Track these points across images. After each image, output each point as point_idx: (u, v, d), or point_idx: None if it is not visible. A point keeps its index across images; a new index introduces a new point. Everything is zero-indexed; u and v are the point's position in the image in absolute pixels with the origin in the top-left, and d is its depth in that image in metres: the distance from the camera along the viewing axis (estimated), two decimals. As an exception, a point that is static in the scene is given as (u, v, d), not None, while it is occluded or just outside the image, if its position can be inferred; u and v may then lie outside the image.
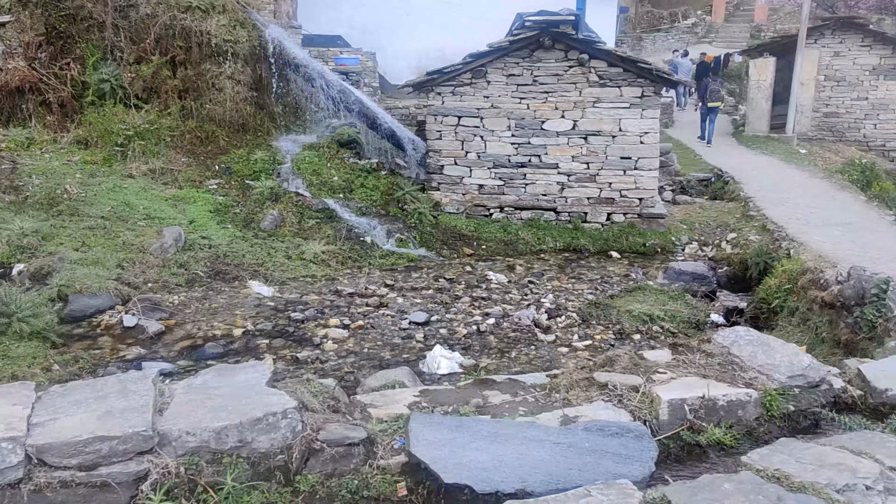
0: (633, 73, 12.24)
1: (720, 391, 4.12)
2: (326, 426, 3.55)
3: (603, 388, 4.17)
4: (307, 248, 10.82)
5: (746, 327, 5.08)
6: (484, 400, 4.15)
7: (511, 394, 4.26)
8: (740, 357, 4.59)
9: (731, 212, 13.54)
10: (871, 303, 6.56)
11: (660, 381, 4.20)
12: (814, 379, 4.36)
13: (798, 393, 4.28)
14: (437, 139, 13.14)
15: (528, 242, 12.37)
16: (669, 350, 4.84)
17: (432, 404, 4.09)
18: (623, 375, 4.30)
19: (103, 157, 13.41)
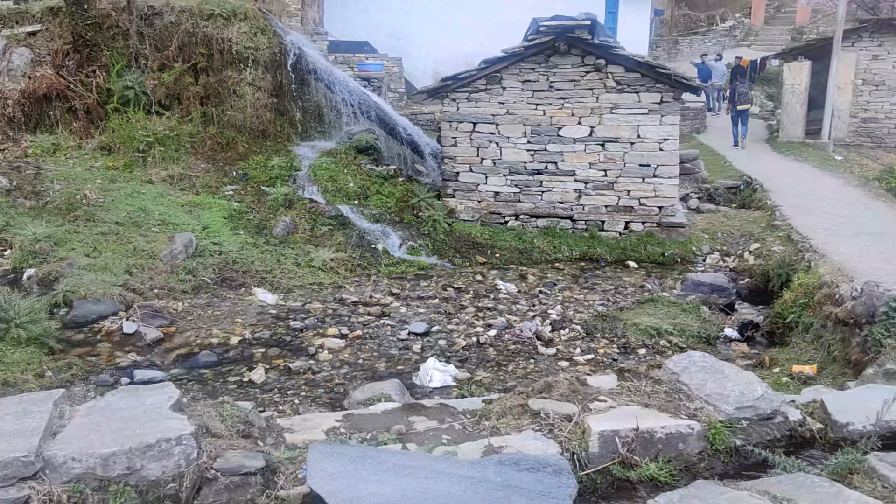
0: (652, 78, 11.99)
1: (660, 422, 3.85)
2: (225, 453, 3.41)
3: (535, 417, 3.96)
4: (316, 256, 10.78)
5: (703, 353, 4.79)
6: (408, 427, 3.99)
7: (439, 420, 4.09)
8: (689, 385, 4.30)
9: (756, 221, 13.18)
10: (880, 321, 6.27)
11: (596, 410, 3.98)
12: (764, 411, 4.06)
13: (746, 426, 3.98)
14: (451, 145, 13.02)
15: (544, 251, 12.18)
16: (616, 375, 4.62)
17: (351, 430, 3.94)
18: (559, 403, 4.09)
19: (125, 163, 13.55)
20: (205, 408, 3.79)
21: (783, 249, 11.04)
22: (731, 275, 11.39)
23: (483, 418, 4.06)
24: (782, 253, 10.83)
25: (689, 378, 4.37)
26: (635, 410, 3.97)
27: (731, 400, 4.10)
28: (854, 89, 20.06)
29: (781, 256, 10.63)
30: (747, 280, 11.12)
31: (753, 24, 43.33)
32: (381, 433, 3.87)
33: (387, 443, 3.71)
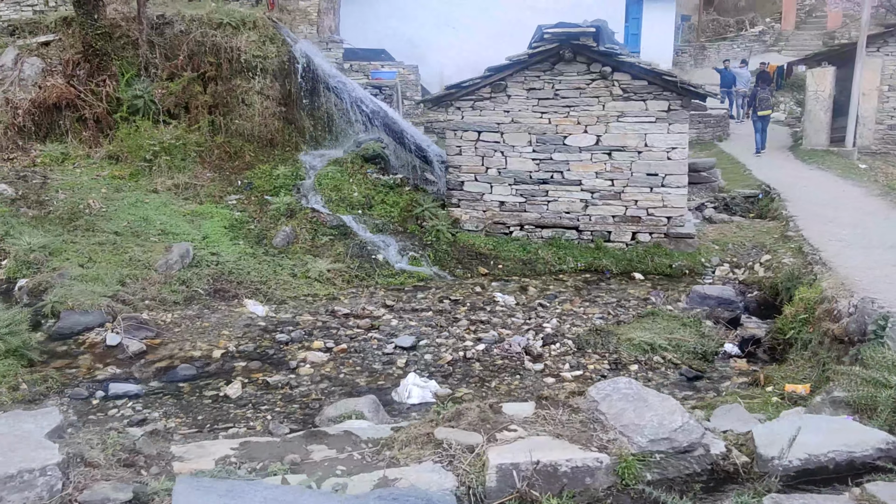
0: (659, 85, 11.70)
1: (566, 454, 3.59)
2: (94, 485, 3.24)
3: (438, 447, 3.74)
4: (313, 267, 10.65)
5: (629, 379, 4.53)
6: (304, 456, 3.78)
7: (338, 449, 3.87)
8: (606, 414, 4.02)
9: (769, 231, 12.80)
10: (869, 340, 5.95)
11: (503, 441, 3.73)
12: (681, 443, 3.77)
13: (661, 459, 3.71)
14: (456, 154, 12.83)
15: (548, 262, 11.93)
16: (534, 403, 4.37)
17: (244, 459, 3.75)
18: (465, 432, 3.85)
19: (131, 172, 13.57)
20: (87, 435, 3.64)
21: (793, 261, 10.68)
22: (739, 287, 11.05)
23: (385, 448, 3.85)
24: (792, 265, 10.48)
25: (609, 406, 4.10)
26: (545, 441, 3.72)
27: (646, 431, 3.82)
28: (880, 95, 19.53)
29: (790, 269, 10.29)
30: (756, 293, 10.77)
31: (784, 28, 42.59)
32: (274, 463, 3.68)
33: (276, 473, 3.52)
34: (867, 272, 8.96)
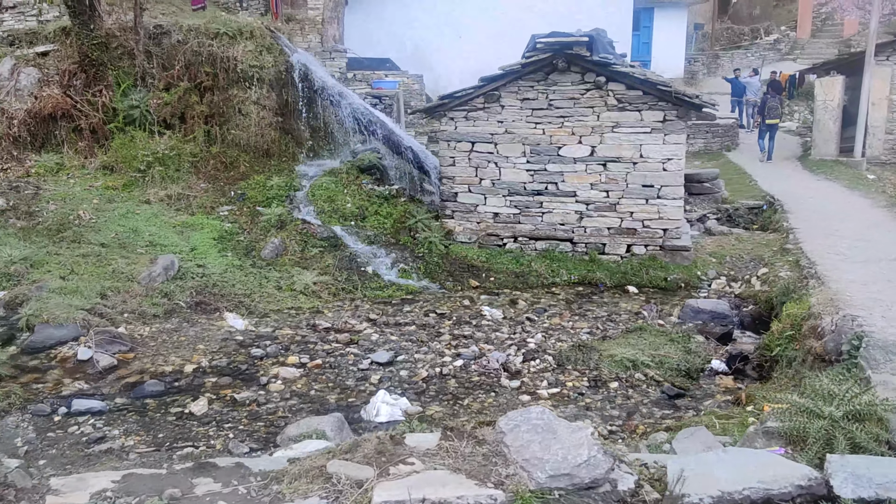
0: (654, 95, 11.48)
1: (459, 491, 3.34)
2: None
3: (328, 481, 3.53)
4: (298, 279, 10.50)
5: (542, 408, 4.26)
6: (187, 490, 3.57)
7: (224, 483, 3.67)
8: (511, 447, 3.76)
9: (769, 244, 12.52)
10: (843, 360, 5.70)
11: (395, 475, 3.50)
12: (583, 479, 3.50)
13: (561, 497, 3.45)
14: (450, 165, 12.66)
15: (541, 275, 11.71)
16: (439, 433, 4.14)
17: (121, 494, 3.54)
18: (358, 466, 3.62)
19: (125, 183, 13.51)
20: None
21: (789, 275, 10.41)
22: (735, 301, 10.79)
23: (274, 482, 3.64)
24: (787, 279, 10.21)
25: (514, 439, 3.85)
26: (440, 476, 3.49)
27: (548, 466, 3.57)
28: (889, 105, 19.14)
29: (785, 283, 10.02)
30: (752, 307, 10.50)
31: (799, 37, 42.10)
32: (151, 498, 3.49)
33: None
34: (861, 287, 8.68)
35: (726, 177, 18.78)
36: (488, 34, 24.25)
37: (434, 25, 24.16)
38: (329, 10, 21.98)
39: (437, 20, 24.16)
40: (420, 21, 24.27)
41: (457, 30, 24.34)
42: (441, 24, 24.13)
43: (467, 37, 24.62)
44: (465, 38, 24.58)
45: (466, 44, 24.56)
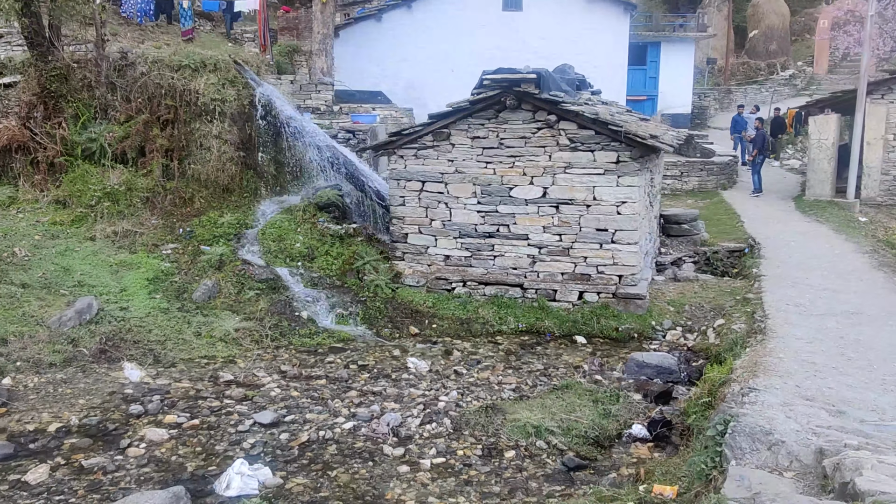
0: (606, 135, 10.91)
1: None
2: None
3: None
4: (218, 326, 10.02)
5: None
6: None
7: None
8: None
9: (733, 292, 11.83)
10: (707, 448, 5.03)
11: None
12: None
13: None
14: (400, 205, 12.17)
15: (487, 322, 11.12)
16: None
17: None
18: None
19: (74, 218, 13.18)
20: None
21: (741, 328, 9.73)
22: (686, 355, 10.12)
23: None
24: (738, 333, 9.54)
25: None
26: None
27: None
28: (885, 145, 18.34)
29: (734, 337, 9.35)
30: (701, 362, 9.82)
31: (816, 72, 41.34)
32: None
33: None
34: (801, 346, 8.03)
35: (715, 217, 18.14)
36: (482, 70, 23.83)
37: (427, 61, 23.83)
38: (318, 42, 21.78)
39: (431, 56, 23.82)
40: (413, 57, 23.96)
41: (450, 65, 23.91)
42: (435, 60, 23.78)
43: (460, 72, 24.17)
44: (457, 72, 24.13)
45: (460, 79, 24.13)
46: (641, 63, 30.86)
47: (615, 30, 23.53)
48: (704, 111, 34.68)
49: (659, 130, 12.50)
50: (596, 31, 23.26)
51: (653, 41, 30.82)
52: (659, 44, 30.98)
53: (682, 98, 31.37)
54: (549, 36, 23.14)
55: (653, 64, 31.39)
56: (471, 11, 23.38)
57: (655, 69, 31.47)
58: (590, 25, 23.19)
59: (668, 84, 31.18)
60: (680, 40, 31.12)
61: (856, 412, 5.79)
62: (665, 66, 31.18)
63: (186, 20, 21.98)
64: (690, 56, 31.52)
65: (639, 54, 30.47)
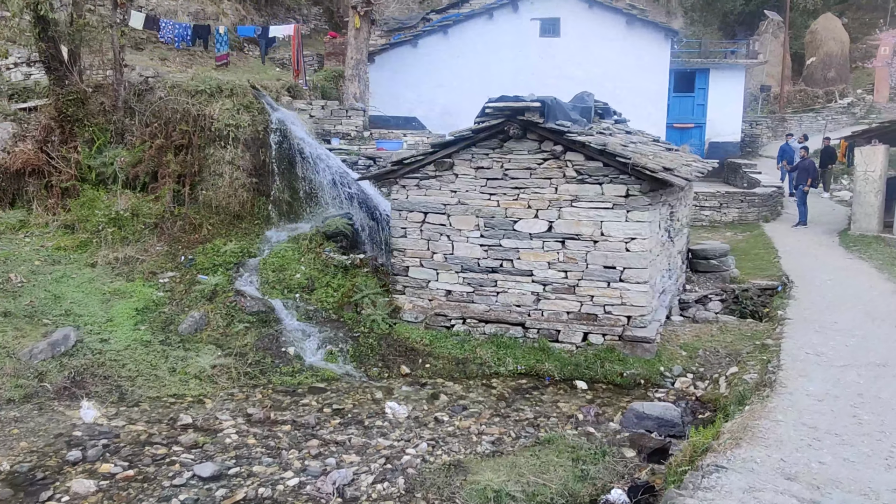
0: (615, 167, 10.25)
1: None
2: None
3: None
4: (194, 362, 9.62)
5: None
6: None
7: None
8: None
9: (754, 336, 10.99)
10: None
11: None
12: None
13: None
14: (401, 237, 11.67)
15: (484, 363, 10.51)
16: None
17: None
18: None
19: (80, 243, 13.06)
20: None
21: (753, 378, 8.92)
22: (693, 406, 9.35)
23: None
24: (749, 384, 8.73)
25: None
26: None
27: None
28: (938, 177, 17.18)
29: (742, 389, 8.55)
30: (709, 414, 9.03)
31: (876, 100, 39.74)
32: None
33: None
34: (810, 405, 7.22)
35: (752, 251, 17.20)
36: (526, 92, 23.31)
37: (463, 87, 23.32)
38: (350, 67, 21.57)
39: (467, 82, 23.33)
40: (449, 83, 23.54)
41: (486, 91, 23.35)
42: (470, 86, 23.24)
43: (496, 97, 23.74)
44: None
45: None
46: (689, 90, 29.95)
47: (656, 56, 22.75)
48: (756, 139, 33.46)
49: (677, 162, 11.77)
50: (635, 58, 22.51)
51: (701, 68, 29.88)
52: (708, 70, 29.99)
53: (732, 126, 30.28)
54: (586, 62, 22.50)
55: (701, 91, 30.39)
56: (508, 37, 22.90)
57: (704, 96, 30.46)
58: (629, 51, 22.46)
59: (716, 112, 30.15)
60: (730, 67, 30.07)
61: (839, 497, 5.02)
62: (714, 94, 30.15)
63: (222, 45, 22.06)
64: (740, 83, 30.41)
65: (686, 81, 29.60)
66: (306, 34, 32.27)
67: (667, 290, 12.17)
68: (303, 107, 20.32)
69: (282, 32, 21.91)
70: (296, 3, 32.80)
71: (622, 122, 14.46)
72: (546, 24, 22.69)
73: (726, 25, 45.13)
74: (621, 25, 22.47)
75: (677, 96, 29.59)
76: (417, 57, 23.43)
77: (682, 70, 29.26)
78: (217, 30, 22.06)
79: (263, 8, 31.51)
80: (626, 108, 21.98)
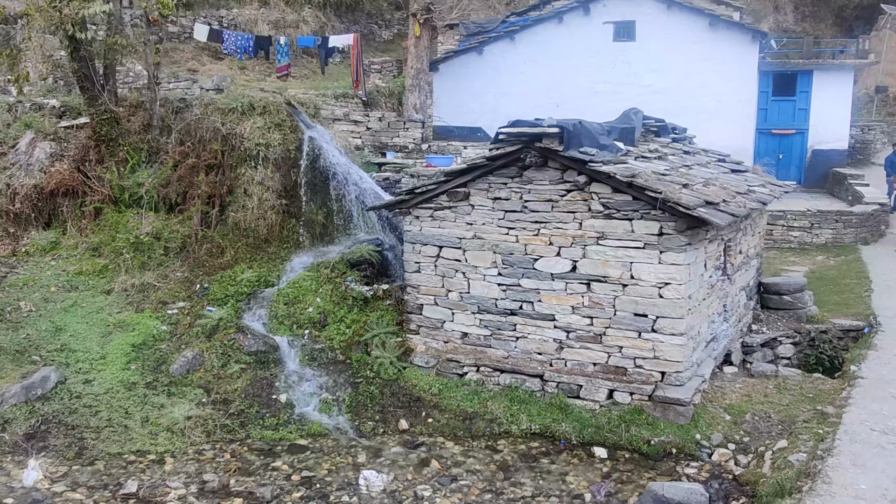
0: (646, 202, 8.88)
1: None
2: None
3: None
4: (165, 413, 8.88)
5: None
6: None
7: None
8: None
9: (815, 398, 9.38)
10: None
11: None
12: None
13: None
14: (415, 272, 10.66)
15: (494, 419, 9.35)
16: None
17: None
18: None
19: (100, 268, 12.70)
20: None
21: (802, 460, 7.43)
22: (728, 488, 7.93)
23: None
24: (795, 467, 7.27)
25: None
26: None
27: None
28: None
29: (783, 476, 7.11)
30: (745, 500, 7.61)
31: None
32: None
33: None
34: None
35: (841, 281, 15.26)
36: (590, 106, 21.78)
37: (530, 96, 22.03)
38: (410, 77, 20.72)
39: (534, 90, 22.04)
40: (515, 91, 22.33)
41: (554, 100, 21.98)
42: (538, 95, 21.95)
43: (565, 107, 22.25)
44: (562, 108, 22.22)
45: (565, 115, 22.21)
46: (790, 93, 27.50)
47: (742, 60, 20.81)
48: (867, 146, 30.52)
49: (732, 191, 10.24)
50: (719, 62, 20.65)
51: (803, 69, 27.37)
52: (811, 72, 27.45)
53: (838, 132, 27.61)
54: (664, 68, 20.81)
55: (803, 94, 27.85)
56: (578, 42, 21.46)
57: (806, 100, 27.91)
58: (711, 56, 20.61)
59: (820, 116, 27.55)
60: (836, 68, 27.41)
61: None
62: (818, 97, 27.54)
63: (283, 56, 21.65)
64: (848, 85, 27.70)
65: (787, 84, 27.18)
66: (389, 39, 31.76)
67: (719, 336, 10.65)
68: (359, 118, 19.64)
69: (342, 42, 21.28)
70: (377, 8, 32.25)
71: (681, 140, 12.94)
72: (620, 27, 21.12)
73: (842, 20, 41.69)
74: (703, 27, 20.67)
75: (776, 100, 27.24)
76: (482, 64, 22.32)
77: (782, 72, 26.88)
78: (278, 40, 21.67)
79: (344, 15, 31.09)
80: (709, 118, 20.24)
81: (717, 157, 13.25)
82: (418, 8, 19.93)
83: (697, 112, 20.06)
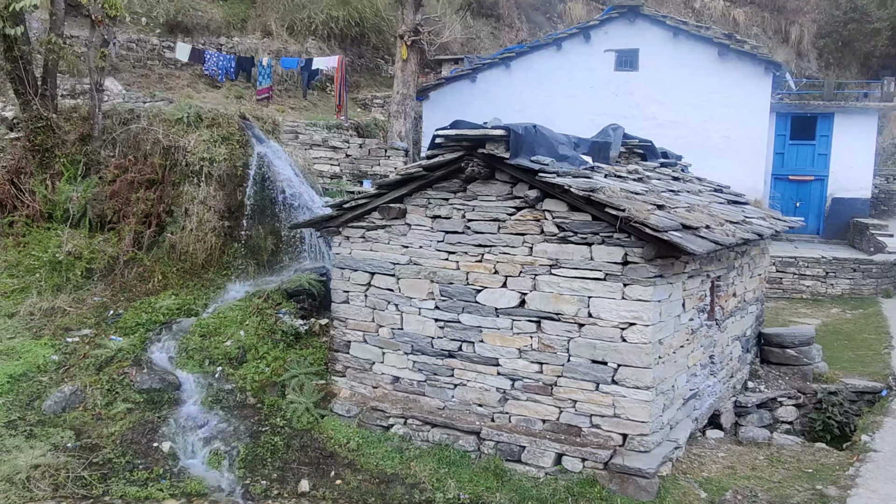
0: (608, 223, 7.26)
1: None
2: None
3: None
4: (10, 460, 7.28)
5: None
6: None
7: None
8: None
9: (815, 475, 7.59)
10: None
11: None
12: None
13: None
14: (343, 302, 9.07)
15: (417, 484, 7.64)
16: None
17: None
18: None
19: (14, 289, 11.25)
20: None
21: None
22: (693, 590, 6.12)
23: None
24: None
25: None
26: None
27: None
28: None
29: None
30: None
31: None
32: None
33: None
34: None
35: (858, 336, 13.50)
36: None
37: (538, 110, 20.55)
38: (396, 103, 19.38)
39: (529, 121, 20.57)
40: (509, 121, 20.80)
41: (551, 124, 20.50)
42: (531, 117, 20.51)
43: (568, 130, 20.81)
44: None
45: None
46: (809, 137, 25.86)
47: (753, 93, 19.20)
48: (893, 197, 28.69)
49: (718, 220, 8.59)
50: (727, 96, 19.06)
51: (824, 112, 25.74)
52: (832, 115, 25.82)
53: (860, 179, 25.82)
54: (668, 100, 19.28)
55: (823, 139, 26.19)
56: (578, 71, 20.00)
57: (826, 145, 26.23)
58: (719, 88, 19.04)
59: (841, 162, 25.82)
60: (859, 112, 25.77)
61: None
62: (839, 142, 25.86)
63: (265, 78, 20.43)
64: (872, 130, 26.02)
65: (806, 127, 25.56)
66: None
67: (703, 393, 8.89)
68: (338, 144, 18.27)
69: (325, 64, 20.06)
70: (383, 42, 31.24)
71: (672, 166, 11.33)
72: (622, 55, 19.67)
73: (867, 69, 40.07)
74: (712, 57, 19.14)
75: (794, 144, 25.67)
76: (475, 93, 20.94)
77: (801, 114, 25.31)
78: (260, 62, 20.49)
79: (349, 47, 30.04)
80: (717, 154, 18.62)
81: (714, 187, 11.63)
82: (406, 29, 18.64)
83: (704, 148, 18.49)
